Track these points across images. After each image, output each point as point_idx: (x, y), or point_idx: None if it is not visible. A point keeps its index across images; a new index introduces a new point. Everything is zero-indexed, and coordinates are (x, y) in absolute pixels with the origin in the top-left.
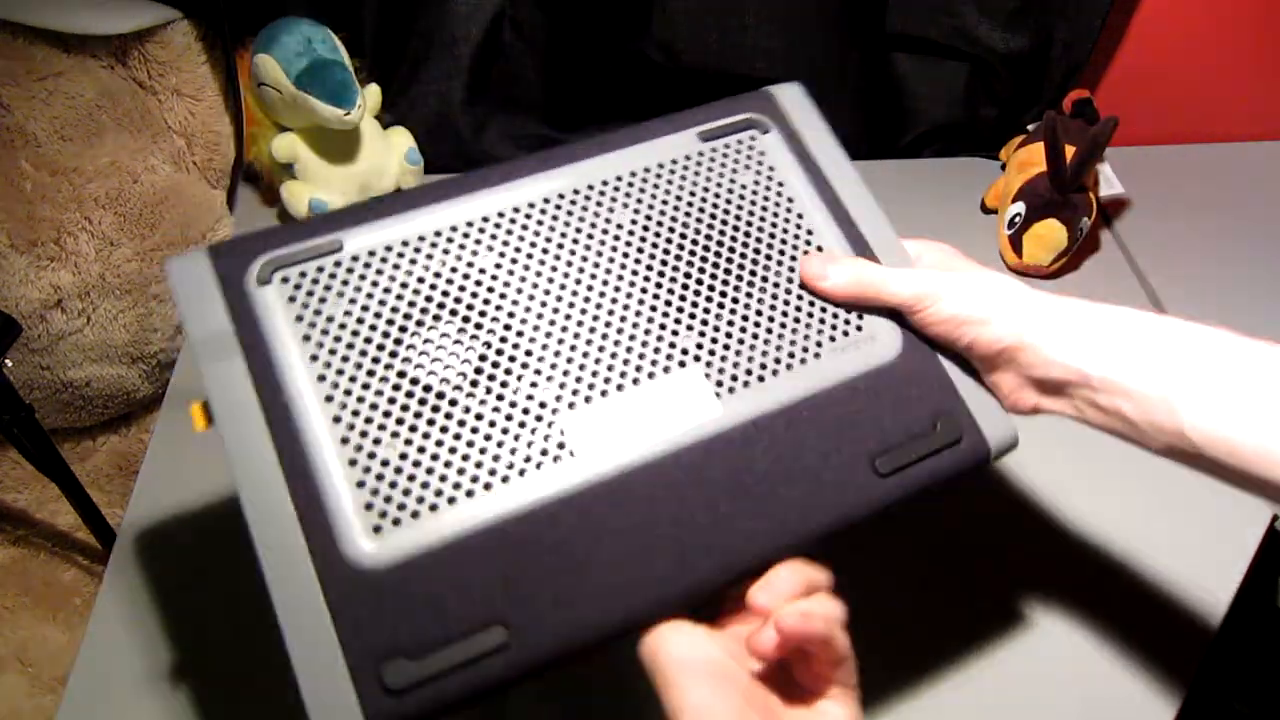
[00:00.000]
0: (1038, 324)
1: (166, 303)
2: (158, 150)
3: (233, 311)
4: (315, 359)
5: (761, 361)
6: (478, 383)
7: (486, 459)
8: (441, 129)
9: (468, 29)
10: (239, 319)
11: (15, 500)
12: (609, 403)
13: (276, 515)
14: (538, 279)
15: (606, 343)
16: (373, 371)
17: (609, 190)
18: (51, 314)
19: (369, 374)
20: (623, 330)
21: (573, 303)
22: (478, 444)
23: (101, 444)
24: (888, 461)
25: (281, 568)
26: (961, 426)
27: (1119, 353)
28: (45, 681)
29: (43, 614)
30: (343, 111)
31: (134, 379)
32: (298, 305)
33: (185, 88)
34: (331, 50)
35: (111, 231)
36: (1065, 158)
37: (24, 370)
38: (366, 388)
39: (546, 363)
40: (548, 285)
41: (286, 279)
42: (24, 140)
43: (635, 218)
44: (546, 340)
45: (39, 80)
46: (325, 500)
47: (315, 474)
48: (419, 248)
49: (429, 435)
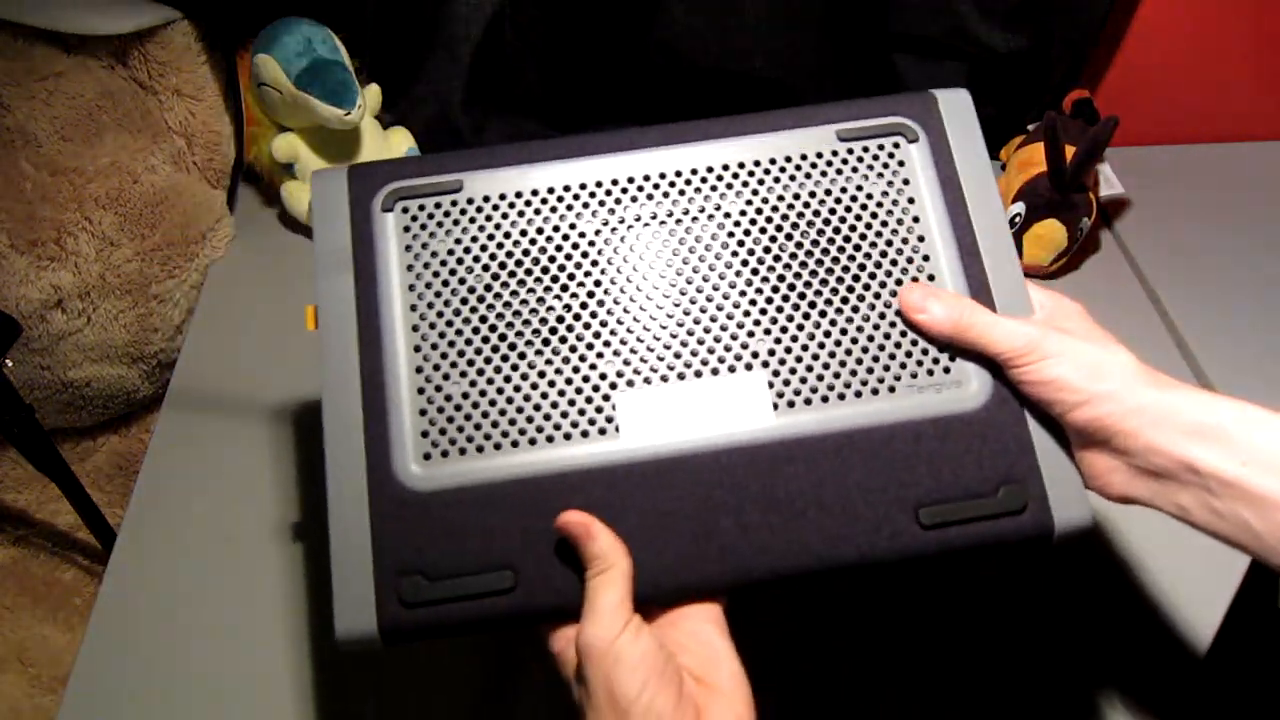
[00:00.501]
0: (1150, 408)
1: (166, 303)
2: (158, 150)
3: (355, 231)
4: (412, 289)
5: (830, 383)
6: (549, 342)
7: (538, 417)
8: (441, 129)
9: (468, 29)
10: (358, 239)
11: (15, 500)
12: (665, 389)
13: (347, 423)
14: (630, 252)
15: (680, 331)
16: (459, 311)
17: (727, 176)
18: (51, 314)
19: (454, 313)
20: (699, 321)
21: (657, 284)
22: (534, 401)
23: (101, 444)
24: (933, 514)
25: (341, 469)
26: (1028, 497)
27: (1247, 451)
28: (45, 681)
29: (43, 614)
30: (343, 111)
31: (134, 379)
32: (409, 235)
33: (185, 88)
34: (331, 50)
35: (111, 231)
36: (1065, 158)
37: (24, 370)
38: (450, 325)
39: (617, 338)
40: (639, 261)
41: (406, 209)
42: (24, 140)
43: (745, 209)
44: (623, 316)
45: (39, 80)
46: (389, 420)
47: (386, 394)
48: (530, 201)
49: (492, 382)
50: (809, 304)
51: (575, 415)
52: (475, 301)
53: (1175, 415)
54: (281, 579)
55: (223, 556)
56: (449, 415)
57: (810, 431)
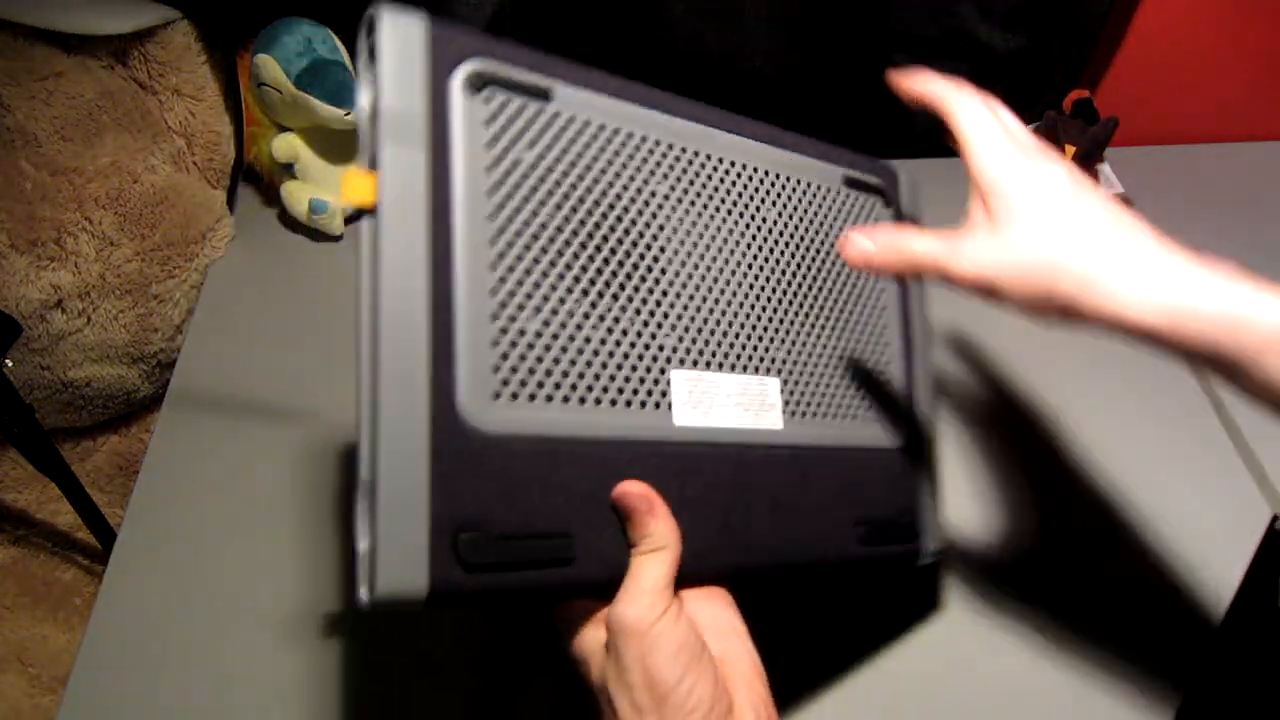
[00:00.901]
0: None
1: (166, 303)
2: (158, 150)
3: (432, 100)
4: (492, 194)
5: (822, 399)
6: (618, 298)
7: (604, 376)
8: None
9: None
10: (435, 112)
11: (15, 500)
12: (705, 376)
13: (409, 337)
14: (691, 227)
15: (724, 320)
16: (538, 236)
17: (769, 181)
18: (51, 314)
19: (534, 236)
20: (738, 315)
21: (708, 268)
22: (601, 358)
23: (101, 444)
24: (869, 531)
25: (398, 393)
26: (919, 526)
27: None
28: (45, 681)
29: (43, 614)
30: (343, 111)
31: (134, 379)
32: (495, 130)
33: (185, 88)
34: (331, 50)
35: (111, 231)
36: (1065, 158)
37: (24, 370)
38: (528, 250)
39: (674, 312)
40: (696, 238)
41: (492, 99)
42: (24, 140)
43: (778, 219)
44: (680, 291)
45: (39, 80)
46: (457, 344)
47: (457, 312)
48: (624, 142)
49: (565, 327)
50: (812, 321)
51: (637, 382)
52: (554, 231)
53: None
54: (281, 579)
55: (222, 556)
56: (522, 353)
57: (809, 442)
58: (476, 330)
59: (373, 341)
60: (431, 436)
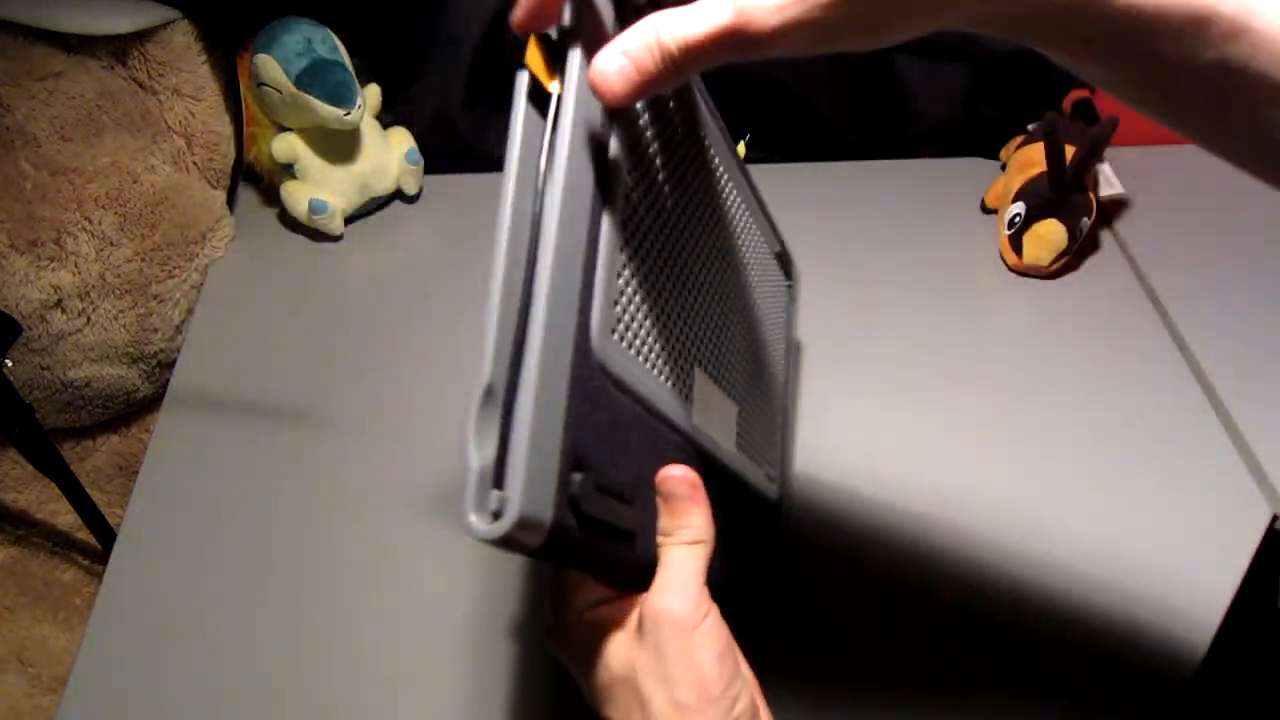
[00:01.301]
0: None
1: (166, 303)
2: (158, 150)
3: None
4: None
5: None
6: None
7: (665, 354)
8: (441, 129)
9: (468, 29)
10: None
11: (15, 500)
12: (712, 386)
13: (570, 264)
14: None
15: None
16: (651, 199)
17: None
18: (51, 314)
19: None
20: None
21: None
22: (665, 334)
23: (101, 444)
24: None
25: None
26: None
27: None
28: (45, 681)
29: (43, 614)
30: (343, 111)
31: (134, 379)
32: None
33: (185, 88)
34: (331, 50)
35: (111, 231)
36: (1065, 158)
37: (24, 370)
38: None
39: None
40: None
41: None
42: (24, 140)
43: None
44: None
45: (39, 80)
46: (597, 275)
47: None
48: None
49: (653, 291)
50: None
51: (678, 373)
52: (657, 196)
53: None
54: (281, 578)
55: (222, 556)
56: (629, 298)
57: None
58: (609, 260)
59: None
60: (574, 363)
